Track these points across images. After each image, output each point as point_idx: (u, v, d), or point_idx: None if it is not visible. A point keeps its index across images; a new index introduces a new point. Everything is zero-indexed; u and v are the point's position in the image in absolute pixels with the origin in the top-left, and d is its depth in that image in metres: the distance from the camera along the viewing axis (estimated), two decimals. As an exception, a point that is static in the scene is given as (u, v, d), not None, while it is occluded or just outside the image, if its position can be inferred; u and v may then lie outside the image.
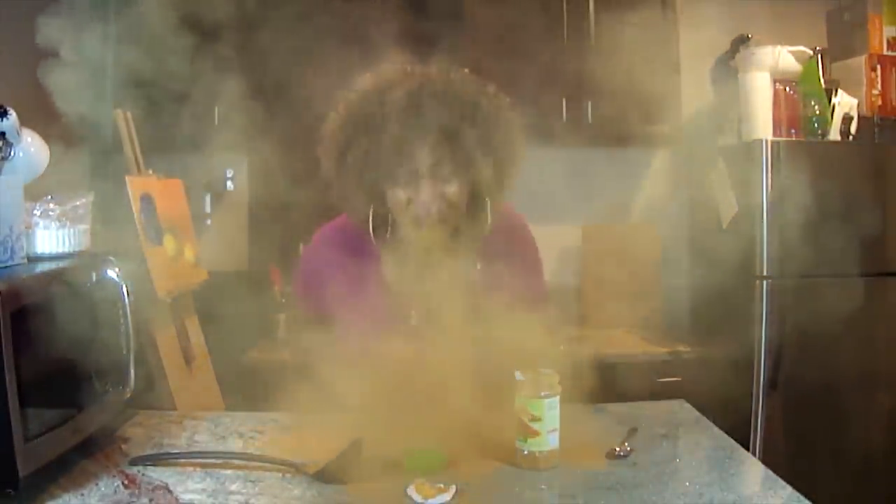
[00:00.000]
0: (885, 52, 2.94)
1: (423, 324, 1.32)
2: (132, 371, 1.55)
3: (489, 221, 1.32)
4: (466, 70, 1.39)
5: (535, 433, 1.36)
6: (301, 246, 2.99)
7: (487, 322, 1.26)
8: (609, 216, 3.19)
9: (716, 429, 1.63)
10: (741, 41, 3.18)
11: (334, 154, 1.32)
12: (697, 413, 1.73)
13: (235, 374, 2.55)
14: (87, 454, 1.44)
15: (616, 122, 3.02)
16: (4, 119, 1.58)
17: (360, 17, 3.32)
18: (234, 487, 1.30)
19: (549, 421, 1.37)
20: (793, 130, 2.82)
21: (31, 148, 1.71)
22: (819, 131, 2.82)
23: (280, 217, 3.34)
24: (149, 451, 1.46)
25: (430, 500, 1.22)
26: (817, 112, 2.81)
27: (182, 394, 2.14)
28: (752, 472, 1.43)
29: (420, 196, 1.22)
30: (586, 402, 1.75)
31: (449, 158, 1.23)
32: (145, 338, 2.02)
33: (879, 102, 2.91)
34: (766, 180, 2.64)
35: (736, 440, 1.55)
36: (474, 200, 1.29)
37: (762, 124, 2.78)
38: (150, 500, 1.25)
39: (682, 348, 2.75)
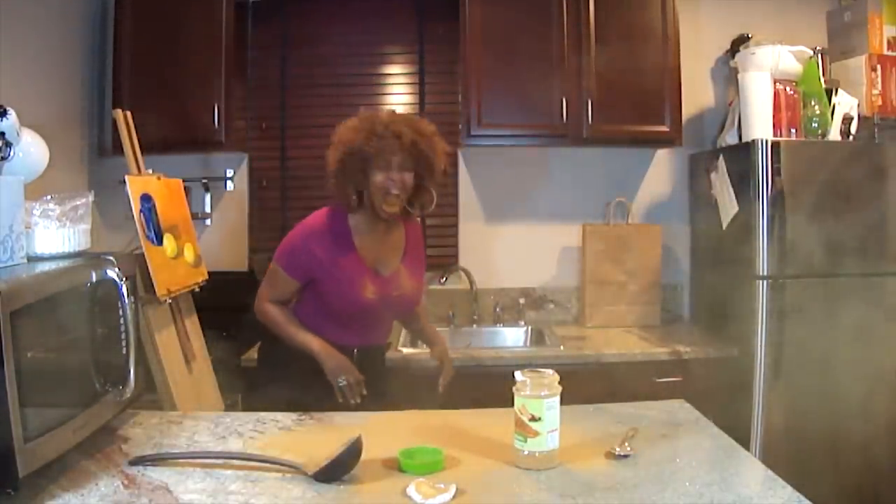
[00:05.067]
0: (885, 52, 2.94)
1: (380, 273, 2.10)
2: (132, 371, 1.55)
3: (424, 207, 2.12)
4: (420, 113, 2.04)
5: (535, 433, 1.36)
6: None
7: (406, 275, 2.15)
8: (609, 216, 3.19)
9: (716, 429, 1.63)
10: (741, 41, 3.18)
11: (338, 157, 2.00)
12: (697, 413, 1.74)
13: (235, 374, 2.55)
14: (87, 454, 1.44)
15: (616, 121, 3.02)
16: (4, 119, 1.58)
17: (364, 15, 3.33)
18: (234, 487, 1.30)
19: (549, 421, 1.37)
20: (793, 130, 2.81)
21: (31, 148, 1.71)
22: (819, 131, 2.81)
23: (280, 216, 3.35)
24: (149, 451, 1.46)
25: (430, 500, 1.22)
26: (817, 112, 2.81)
27: (182, 394, 2.13)
28: (752, 472, 1.43)
29: (392, 177, 1.98)
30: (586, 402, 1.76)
31: (409, 164, 1.99)
32: (145, 338, 2.02)
33: (879, 102, 2.90)
34: (765, 180, 2.64)
35: (736, 440, 1.56)
36: (415, 192, 2.06)
37: (762, 124, 2.78)
38: (150, 501, 1.25)
39: (682, 348, 2.75)
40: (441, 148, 2.05)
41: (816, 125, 2.81)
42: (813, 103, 2.82)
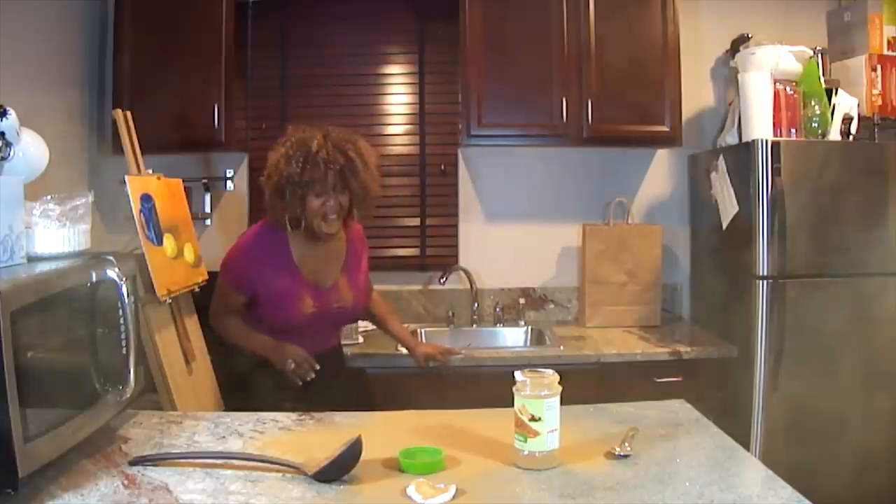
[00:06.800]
0: (885, 52, 2.94)
1: (320, 286, 2.13)
2: (132, 371, 1.55)
3: (355, 220, 2.19)
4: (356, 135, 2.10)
5: (535, 433, 1.36)
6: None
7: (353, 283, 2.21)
8: (609, 216, 3.19)
9: (716, 429, 1.63)
10: (741, 41, 3.18)
11: (272, 186, 2.03)
12: (697, 413, 1.74)
13: (235, 374, 2.54)
14: (87, 454, 1.44)
15: (616, 121, 3.02)
16: (4, 119, 1.58)
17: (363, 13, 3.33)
18: (234, 487, 1.30)
19: (549, 421, 1.37)
20: (793, 130, 2.81)
21: (31, 148, 1.71)
22: (819, 131, 2.81)
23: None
24: (149, 451, 1.46)
25: (430, 500, 1.22)
26: (817, 112, 2.81)
27: (182, 394, 2.14)
28: (752, 472, 1.43)
29: (328, 202, 2.02)
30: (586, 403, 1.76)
31: (343, 187, 2.02)
32: (145, 338, 2.02)
33: (879, 102, 2.90)
34: (765, 180, 2.64)
35: (736, 440, 1.56)
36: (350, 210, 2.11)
37: (762, 124, 2.78)
38: (150, 501, 1.25)
39: (682, 348, 2.75)
40: (374, 168, 2.08)
41: (816, 125, 2.81)
42: (813, 103, 2.82)
